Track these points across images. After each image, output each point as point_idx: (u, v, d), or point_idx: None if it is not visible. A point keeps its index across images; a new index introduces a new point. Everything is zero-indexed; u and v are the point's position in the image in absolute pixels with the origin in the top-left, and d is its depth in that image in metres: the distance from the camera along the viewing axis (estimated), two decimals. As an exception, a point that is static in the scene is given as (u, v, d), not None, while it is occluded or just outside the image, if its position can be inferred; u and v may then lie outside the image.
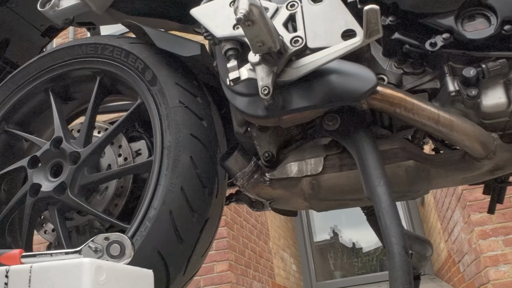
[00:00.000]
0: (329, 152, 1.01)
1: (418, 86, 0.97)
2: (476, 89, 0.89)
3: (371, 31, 0.77)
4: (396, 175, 0.97)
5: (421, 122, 0.92)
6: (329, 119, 0.98)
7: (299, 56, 0.89)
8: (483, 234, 3.25)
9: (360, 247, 7.04)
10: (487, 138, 0.93)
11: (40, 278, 0.54)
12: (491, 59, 0.89)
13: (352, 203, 1.07)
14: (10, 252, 0.62)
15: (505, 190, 1.19)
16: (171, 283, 1.02)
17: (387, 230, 0.80)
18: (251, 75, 0.89)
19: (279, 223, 5.76)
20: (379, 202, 0.84)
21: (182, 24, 1.41)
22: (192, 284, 2.64)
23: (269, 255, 4.99)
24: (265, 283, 4.60)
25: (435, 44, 0.90)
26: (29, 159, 1.18)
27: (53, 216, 1.13)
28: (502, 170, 1.01)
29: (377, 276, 6.04)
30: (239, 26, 0.83)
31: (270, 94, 0.85)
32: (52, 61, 1.28)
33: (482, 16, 0.90)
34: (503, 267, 3.14)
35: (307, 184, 0.99)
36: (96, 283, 0.55)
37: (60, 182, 1.11)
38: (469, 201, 3.35)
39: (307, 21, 0.91)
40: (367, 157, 0.90)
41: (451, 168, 1.01)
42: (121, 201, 1.18)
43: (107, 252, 0.61)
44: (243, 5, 0.73)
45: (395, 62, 0.98)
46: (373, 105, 0.94)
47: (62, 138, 1.17)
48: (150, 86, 1.11)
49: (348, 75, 0.90)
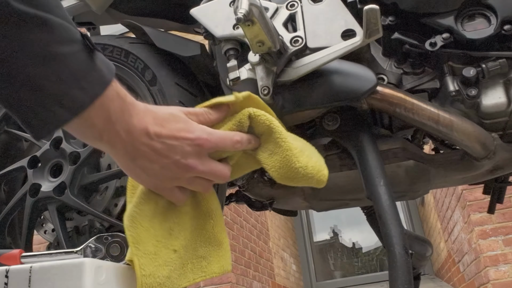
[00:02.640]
0: (329, 152, 1.01)
1: (418, 86, 0.98)
2: (476, 89, 0.89)
3: (371, 31, 0.77)
4: (396, 175, 0.97)
5: (421, 122, 0.92)
6: (329, 119, 0.98)
7: (299, 56, 0.89)
8: (483, 234, 3.25)
9: (360, 247, 7.04)
10: (487, 138, 0.93)
11: (40, 278, 0.54)
12: (491, 59, 0.89)
13: (352, 203, 1.07)
14: (10, 252, 0.62)
15: (505, 190, 1.19)
16: (171, 283, 1.02)
17: (387, 230, 0.80)
18: (251, 75, 0.89)
19: (279, 223, 5.76)
20: (379, 202, 0.84)
21: (182, 24, 1.41)
22: (192, 284, 2.64)
23: (269, 255, 4.99)
24: (265, 283, 4.60)
25: (435, 44, 0.90)
26: (29, 159, 1.18)
27: (53, 216, 1.13)
28: (502, 170, 1.01)
29: (377, 276, 6.04)
30: (239, 26, 0.83)
31: (270, 94, 0.85)
32: (52, 61, 1.28)
33: (482, 16, 0.90)
34: (503, 267, 3.14)
35: (307, 184, 0.99)
36: (96, 283, 0.55)
37: (60, 182, 1.11)
38: (469, 201, 3.35)
39: (307, 21, 0.91)
40: (367, 157, 0.90)
41: (451, 168, 1.01)
42: (121, 201, 1.18)
43: (107, 252, 0.61)
44: (243, 5, 0.73)
45: (395, 62, 0.98)
46: (373, 105, 0.94)
47: (62, 138, 1.17)
48: (150, 86, 1.11)
49: (348, 75, 0.90)
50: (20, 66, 0.52)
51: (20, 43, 0.52)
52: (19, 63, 0.52)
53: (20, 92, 0.53)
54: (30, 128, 0.56)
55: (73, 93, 0.53)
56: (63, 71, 0.54)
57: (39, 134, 0.55)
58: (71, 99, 0.53)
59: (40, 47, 0.52)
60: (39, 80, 0.53)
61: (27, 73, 0.52)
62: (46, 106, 0.53)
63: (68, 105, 0.53)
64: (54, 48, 0.53)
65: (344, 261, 7.00)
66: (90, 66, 0.55)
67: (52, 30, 0.53)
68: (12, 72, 0.52)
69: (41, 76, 0.53)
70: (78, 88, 0.54)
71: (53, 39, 0.53)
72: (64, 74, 0.53)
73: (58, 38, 0.54)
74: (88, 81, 0.55)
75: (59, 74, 0.53)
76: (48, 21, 0.53)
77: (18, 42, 0.52)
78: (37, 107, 0.54)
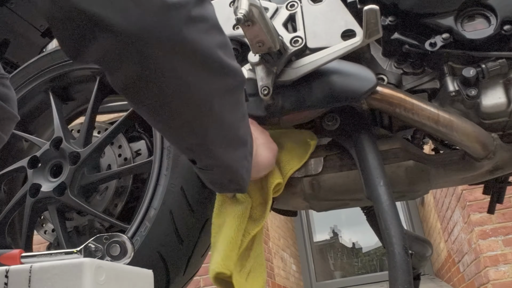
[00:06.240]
0: (329, 152, 1.01)
1: (417, 86, 0.98)
2: (475, 89, 0.89)
3: (371, 31, 0.77)
4: (396, 175, 0.97)
5: (421, 122, 0.92)
6: (329, 119, 0.98)
7: (299, 56, 0.89)
8: (483, 234, 3.25)
9: (360, 247, 7.04)
10: (487, 138, 0.93)
11: (40, 278, 0.54)
12: (490, 59, 0.89)
13: (352, 203, 1.07)
14: (10, 252, 0.62)
15: (505, 190, 1.19)
16: (171, 283, 1.02)
17: (387, 230, 0.80)
18: (251, 75, 0.89)
19: (279, 223, 5.76)
20: (379, 202, 0.84)
21: (182, 24, 1.41)
22: (192, 284, 2.64)
23: (269, 255, 4.99)
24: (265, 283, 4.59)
25: (434, 44, 0.90)
26: (29, 159, 1.19)
27: (53, 216, 1.13)
28: (502, 170, 1.01)
29: (377, 276, 6.04)
30: (239, 26, 0.83)
31: (269, 94, 0.85)
32: (52, 61, 1.28)
33: (482, 16, 0.90)
34: (503, 267, 3.14)
35: (307, 184, 0.99)
36: (96, 283, 0.55)
37: (60, 183, 1.11)
38: (469, 201, 3.35)
39: (307, 21, 0.91)
40: (367, 157, 0.90)
41: (451, 168, 1.01)
42: (121, 201, 1.18)
43: (107, 252, 0.61)
44: (243, 5, 0.73)
45: (395, 62, 0.98)
46: (373, 105, 0.94)
47: (62, 138, 1.17)
48: (150, 86, 1.11)
49: (347, 75, 0.90)
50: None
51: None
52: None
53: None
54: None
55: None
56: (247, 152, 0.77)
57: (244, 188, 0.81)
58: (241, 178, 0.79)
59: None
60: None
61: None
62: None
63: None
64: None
65: (344, 261, 7.00)
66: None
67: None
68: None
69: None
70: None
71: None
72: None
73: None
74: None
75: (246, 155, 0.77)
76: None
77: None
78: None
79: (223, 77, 0.65)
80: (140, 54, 0.55)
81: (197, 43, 0.59)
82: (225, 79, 0.65)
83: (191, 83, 0.61)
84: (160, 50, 0.55)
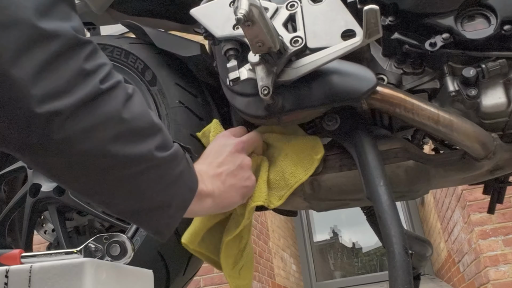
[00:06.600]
0: (329, 152, 1.01)
1: (418, 86, 0.98)
2: (475, 89, 0.89)
3: (371, 31, 0.77)
4: (396, 175, 0.97)
5: (421, 122, 0.92)
6: (329, 119, 0.98)
7: (299, 56, 0.89)
8: (483, 234, 3.25)
9: (360, 247, 7.05)
10: (487, 138, 0.93)
11: (40, 278, 0.54)
12: (490, 59, 0.89)
13: (352, 203, 1.07)
14: (10, 252, 0.62)
15: (505, 190, 1.19)
16: (171, 283, 1.02)
17: (387, 230, 0.80)
18: (251, 75, 0.89)
19: (279, 223, 5.76)
20: (379, 202, 0.84)
21: (182, 24, 1.41)
22: (192, 284, 2.64)
23: (269, 255, 4.99)
24: (265, 283, 4.60)
25: (434, 44, 0.90)
26: (29, 159, 1.18)
27: (53, 216, 1.13)
28: (502, 170, 1.01)
29: (377, 276, 6.05)
30: (239, 26, 0.83)
31: (270, 94, 0.85)
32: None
33: (482, 16, 0.90)
34: (503, 267, 3.14)
35: (307, 184, 0.99)
36: (96, 283, 0.55)
37: (60, 182, 1.11)
38: (469, 201, 3.35)
39: (307, 21, 0.91)
40: (367, 157, 0.90)
41: (451, 168, 1.01)
42: (121, 201, 1.18)
43: (107, 252, 0.61)
44: (243, 5, 0.73)
45: (395, 62, 0.98)
46: (373, 105, 0.94)
47: (62, 138, 1.17)
48: (150, 86, 1.11)
49: (347, 75, 0.90)
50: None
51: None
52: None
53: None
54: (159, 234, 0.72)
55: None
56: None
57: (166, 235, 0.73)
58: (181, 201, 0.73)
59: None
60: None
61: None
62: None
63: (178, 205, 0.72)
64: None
65: (344, 261, 7.00)
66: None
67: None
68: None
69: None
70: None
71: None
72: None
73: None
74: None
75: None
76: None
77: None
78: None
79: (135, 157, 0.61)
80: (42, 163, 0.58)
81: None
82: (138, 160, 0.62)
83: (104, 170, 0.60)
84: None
